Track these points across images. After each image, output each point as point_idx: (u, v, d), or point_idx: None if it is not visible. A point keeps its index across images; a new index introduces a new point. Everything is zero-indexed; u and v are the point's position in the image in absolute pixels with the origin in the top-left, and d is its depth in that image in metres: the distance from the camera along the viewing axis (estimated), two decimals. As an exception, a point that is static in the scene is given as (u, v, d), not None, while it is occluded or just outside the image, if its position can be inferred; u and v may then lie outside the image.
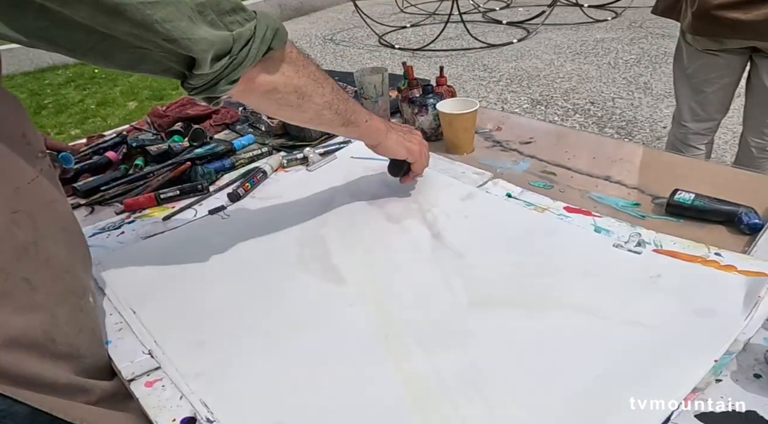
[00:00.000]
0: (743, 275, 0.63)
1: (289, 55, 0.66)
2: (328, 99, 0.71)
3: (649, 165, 0.91)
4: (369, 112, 0.80)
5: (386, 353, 0.60)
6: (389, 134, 0.81)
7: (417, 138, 0.86)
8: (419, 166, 0.87)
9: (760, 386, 0.51)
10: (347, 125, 0.75)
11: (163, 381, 0.60)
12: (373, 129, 0.79)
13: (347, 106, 0.74)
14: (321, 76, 0.70)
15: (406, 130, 0.87)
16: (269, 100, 0.67)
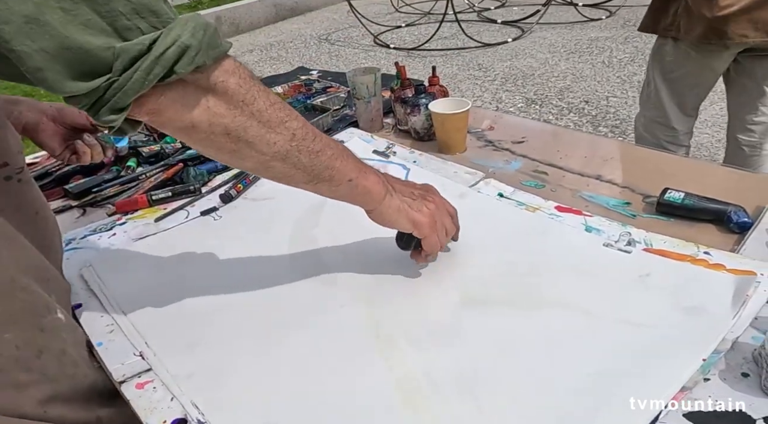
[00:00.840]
0: (732, 273, 0.63)
1: (222, 84, 0.50)
2: (282, 148, 0.54)
3: (640, 164, 0.92)
4: (363, 168, 0.62)
5: (378, 353, 0.60)
6: (388, 199, 0.63)
7: (430, 206, 0.66)
8: (430, 245, 0.67)
9: (747, 385, 0.51)
10: (315, 182, 0.59)
11: (154, 383, 0.60)
12: (360, 191, 0.61)
13: (317, 159, 0.57)
14: (275, 116, 0.54)
15: (418, 193, 0.68)
16: (190, 139, 0.53)
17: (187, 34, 0.46)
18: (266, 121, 0.53)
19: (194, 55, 0.47)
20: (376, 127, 1.18)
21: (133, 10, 0.44)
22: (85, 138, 0.83)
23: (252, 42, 5.16)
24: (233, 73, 0.51)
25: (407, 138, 1.12)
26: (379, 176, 0.64)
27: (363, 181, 0.61)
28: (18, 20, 0.40)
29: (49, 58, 0.42)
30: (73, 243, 0.86)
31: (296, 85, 1.44)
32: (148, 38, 0.45)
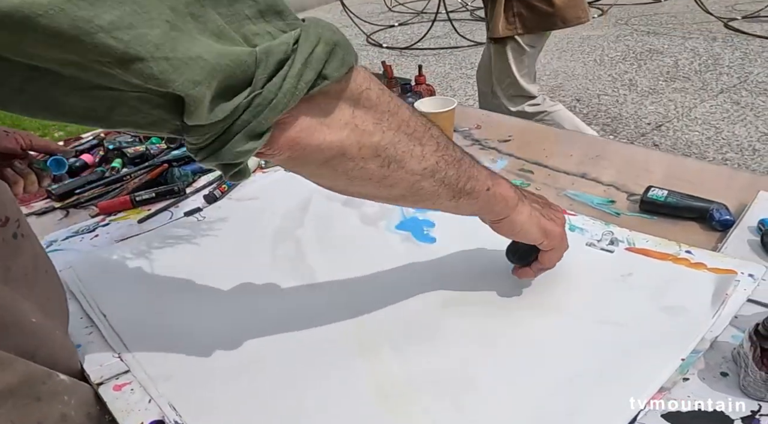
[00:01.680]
0: (713, 272, 0.63)
1: (367, 93, 0.42)
2: (431, 162, 0.47)
3: (625, 162, 0.92)
4: (492, 173, 0.54)
5: (359, 354, 0.60)
6: (520, 206, 0.56)
7: (558, 214, 0.61)
8: (554, 258, 0.61)
9: (726, 385, 0.51)
10: (458, 197, 0.51)
11: (132, 385, 0.59)
12: (498, 199, 0.53)
13: (459, 169, 0.49)
14: (419, 125, 0.46)
15: (542, 200, 0.62)
16: (335, 173, 0.44)
17: (327, 32, 0.39)
18: (412, 132, 0.45)
19: (343, 54, 0.39)
20: (363, 127, 1.17)
21: (259, 13, 0.36)
22: (16, 165, 0.72)
23: (245, 42, 5.15)
24: (371, 78, 0.43)
25: (394, 137, 1.12)
26: (507, 180, 0.56)
27: (499, 188, 0.53)
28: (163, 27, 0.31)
29: (205, 70, 0.32)
30: (54, 245, 0.85)
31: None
32: (292, 37, 0.37)
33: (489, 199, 0.53)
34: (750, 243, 0.67)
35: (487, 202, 0.53)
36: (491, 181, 0.53)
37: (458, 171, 0.49)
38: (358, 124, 0.42)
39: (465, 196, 0.51)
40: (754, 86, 2.70)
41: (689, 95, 2.72)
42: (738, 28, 3.55)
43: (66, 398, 0.51)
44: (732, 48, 3.25)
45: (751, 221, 0.70)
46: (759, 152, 2.13)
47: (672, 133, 2.38)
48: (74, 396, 0.53)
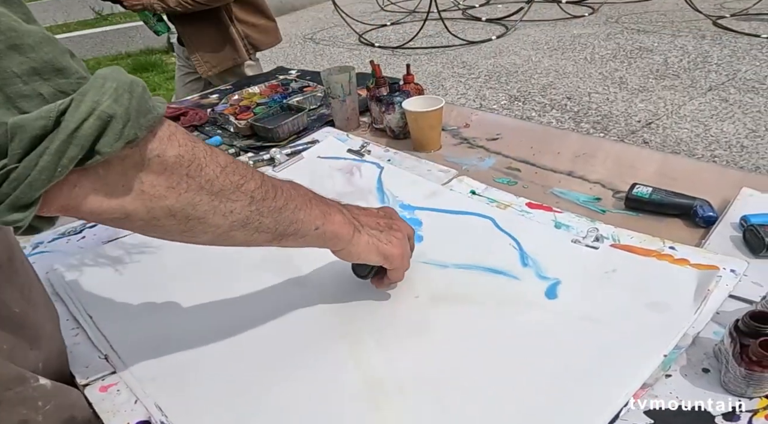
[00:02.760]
0: (695, 268, 0.64)
1: (159, 159, 0.41)
2: (240, 216, 0.47)
3: (611, 160, 0.92)
4: (327, 210, 0.56)
5: (344, 353, 0.60)
6: (356, 238, 0.59)
7: (398, 235, 0.62)
8: (398, 275, 0.65)
9: (708, 381, 0.52)
10: (280, 239, 0.53)
11: (118, 385, 0.60)
12: (329, 236, 0.56)
13: (280, 216, 0.51)
14: (228, 182, 0.46)
15: (384, 223, 0.63)
16: (125, 227, 0.43)
17: (107, 99, 0.36)
18: (219, 190, 0.45)
19: (121, 127, 0.36)
20: (352, 126, 1.17)
21: (32, 71, 0.33)
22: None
23: (236, 41, 5.13)
24: (171, 140, 0.41)
25: (383, 136, 1.12)
26: (344, 214, 0.58)
27: (330, 226, 0.56)
28: None
29: None
30: (40, 247, 0.85)
31: (273, 85, 1.43)
32: (55, 109, 0.34)
33: (318, 236, 0.55)
34: (732, 239, 0.68)
35: (317, 239, 0.56)
36: (321, 220, 0.55)
37: (277, 219, 0.50)
38: (146, 189, 0.41)
39: (288, 237, 0.53)
40: (742, 84, 2.72)
41: (678, 93, 2.74)
42: (726, 26, 3.57)
43: (40, 404, 0.50)
44: (720, 46, 3.27)
45: (733, 217, 0.71)
46: (747, 149, 2.15)
47: (662, 130, 2.39)
48: (52, 401, 0.51)
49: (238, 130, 1.20)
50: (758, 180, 0.79)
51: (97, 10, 6.50)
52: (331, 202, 0.59)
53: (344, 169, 0.98)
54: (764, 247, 0.64)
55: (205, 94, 1.55)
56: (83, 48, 5.07)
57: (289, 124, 1.13)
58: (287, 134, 1.14)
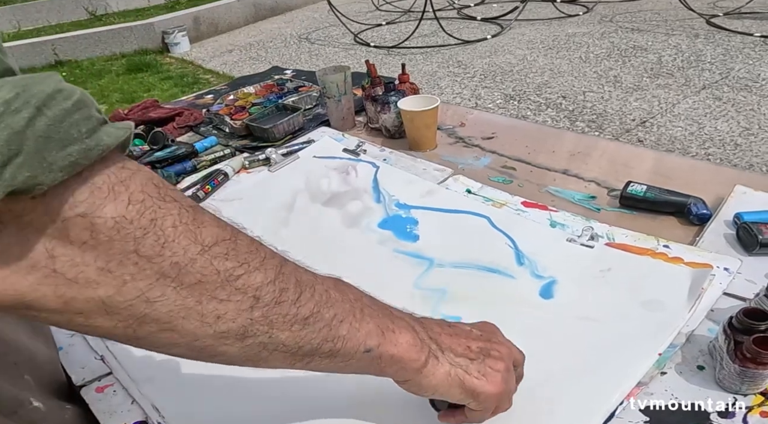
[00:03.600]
0: (689, 266, 0.64)
1: (83, 222, 0.27)
2: (234, 325, 0.32)
3: (606, 158, 0.92)
4: (389, 325, 0.41)
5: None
6: (432, 366, 0.42)
7: (498, 366, 0.44)
8: (483, 417, 0.46)
9: (703, 379, 0.52)
10: (308, 361, 0.38)
11: (115, 386, 0.59)
12: (387, 362, 0.40)
13: (305, 330, 0.36)
14: (215, 271, 0.31)
15: (478, 347, 0.45)
16: (44, 319, 0.28)
17: (5, 132, 0.23)
18: (197, 281, 0.30)
19: (15, 171, 0.24)
20: (347, 126, 1.17)
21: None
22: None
23: (231, 42, 5.12)
24: (115, 193, 0.27)
25: (379, 136, 1.12)
26: (416, 332, 0.42)
27: (390, 349, 0.40)
28: None
29: None
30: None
31: (268, 84, 1.43)
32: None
33: (371, 361, 0.40)
34: (726, 237, 0.69)
35: (369, 365, 0.40)
36: (378, 339, 0.39)
37: (299, 332, 0.35)
38: (59, 268, 0.27)
39: (319, 359, 0.38)
40: (736, 82, 2.73)
41: (672, 91, 2.75)
42: (720, 25, 3.58)
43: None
44: (714, 44, 3.28)
45: (727, 214, 0.71)
46: (740, 147, 2.16)
47: (656, 129, 2.40)
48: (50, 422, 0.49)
49: (234, 131, 1.20)
50: (752, 178, 0.79)
51: (90, 10, 6.47)
52: (398, 313, 0.43)
53: (340, 168, 0.98)
54: (757, 244, 0.64)
55: (200, 95, 1.54)
56: (77, 49, 5.05)
57: (284, 124, 1.13)
58: (283, 134, 1.14)
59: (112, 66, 4.79)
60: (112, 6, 6.68)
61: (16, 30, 6.26)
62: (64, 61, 4.97)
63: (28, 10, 6.54)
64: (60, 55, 4.96)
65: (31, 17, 6.50)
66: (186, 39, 5.00)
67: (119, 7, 6.71)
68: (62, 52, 4.98)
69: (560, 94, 2.91)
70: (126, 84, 4.23)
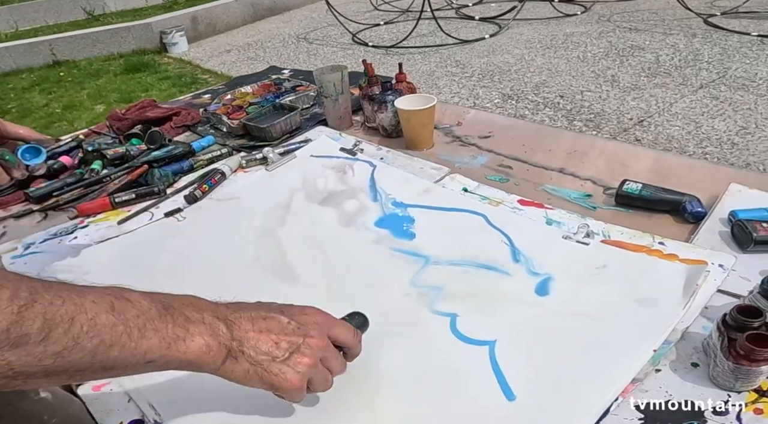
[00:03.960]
0: (684, 263, 0.64)
1: None
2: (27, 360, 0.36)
3: (602, 157, 0.93)
4: (181, 335, 0.44)
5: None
6: (230, 364, 0.46)
7: (303, 361, 0.48)
8: (295, 401, 0.51)
9: (697, 376, 0.52)
10: (83, 377, 0.41)
11: (111, 384, 0.59)
12: (174, 365, 0.45)
13: (67, 358, 0.37)
14: None
15: (288, 341, 0.49)
16: None
17: None
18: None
19: None
20: (345, 125, 1.17)
21: None
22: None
23: (229, 42, 5.12)
24: None
25: (376, 135, 1.13)
26: (214, 333, 0.46)
27: (177, 355, 0.44)
28: None
29: None
30: (32, 247, 0.84)
31: (265, 84, 1.43)
32: None
33: (158, 368, 0.44)
34: (721, 234, 0.69)
35: (161, 368, 0.44)
36: (162, 351, 0.43)
37: (56, 364, 0.37)
38: None
39: (95, 373, 0.41)
40: (733, 81, 2.74)
41: (670, 91, 2.75)
42: (717, 24, 3.59)
43: (45, 418, 0.48)
44: (711, 44, 3.29)
45: (722, 212, 0.72)
46: (737, 146, 2.16)
47: (653, 128, 2.40)
48: (58, 414, 0.50)
49: (231, 130, 1.20)
50: (747, 177, 0.80)
51: (88, 10, 6.46)
52: (200, 315, 0.47)
53: (337, 167, 0.98)
54: (752, 242, 0.64)
55: (198, 94, 1.54)
56: (75, 49, 5.04)
57: (281, 124, 1.13)
58: (280, 133, 1.14)
59: (110, 66, 4.79)
60: (110, 6, 6.67)
61: (14, 30, 6.26)
62: (61, 61, 4.97)
63: (25, 10, 6.53)
64: (58, 55, 4.95)
65: (29, 17, 6.49)
66: (184, 39, 5.00)
67: (117, 7, 6.70)
68: (60, 52, 4.97)
69: (558, 94, 2.91)
70: (124, 84, 4.23)
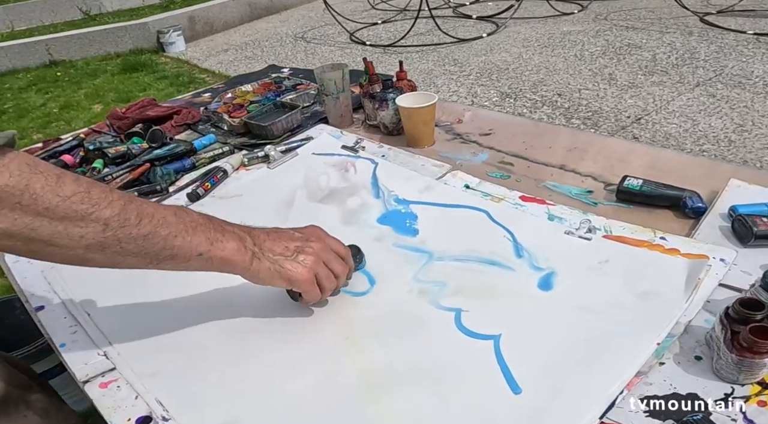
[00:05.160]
0: (686, 257, 0.65)
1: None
2: (94, 240, 0.49)
3: (602, 153, 0.93)
4: (218, 237, 0.57)
5: (342, 345, 0.61)
6: (255, 264, 0.59)
7: (308, 259, 0.61)
8: (310, 297, 0.63)
9: (701, 369, 0.53)
10: (156, 263, 0.54)
11: (118, 382, 0.60)
12: (217, 263, 0.57)
13: (147, 242, 0.52)
14: (74, 210, 0.48)
15: (295, 246, 0.62)
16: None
17: None
18: (62, 216, 0.47)
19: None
20: (345, 123, 1.18)
21: None
22: None
23: (227, 41, 5.11)
24: (1, 171, 0.44)
25: (377, 133, 1.13)
26: (242, 240, 0.59)
27: (218, 253, 0.57)
28: None
29: None
30: (36, 245, 0.84)
31: (266, 82, 1.43)
32: None
33: (206, 262, 0.56)
34: (721, 229, 0.69)
35: (206, 264, 0.57)
36: (207, 247, 0.56)
37: (143, 245, 0.52)
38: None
39: (165, 261, 0.54)
40: (729, 79, 2.75)
41: (667, 89, 2.76)
42: (713, 23, 3.60)
43: None
44: (708, 42, 3.30)
45: (722, 207, 0.72)
46: (734, 143, 2.17)
47: (651, 125, 2.41)
48: None
49: (232, 128, 1.20)
50: (746, 173, 0.80)
51: (85, 10, 6.44)
52: (231, 228, 0.59)
53: (339, 165, 0.98)
54: (752, 236, 0.65)
55: (198, 93, 1.54)
56: (71, 49, 5.03)
57: (283, 122, 1.14)
58: (281, 132, 1.14)
59: (107, 66, 4.77)
60: (107, 6, 6.65)
61: (10, 30, 6.23)
62: (58, 60, 4.95)
63: (21, 10, 6.51)
64: (54, 55, 4.94)
65: (25, 17, 6.47)
66: (181, 38, 4.99)
67: (113, 7, 6.68)
68: (56, 52, 4.96)
69: (556, 92, 2.92)
70: (121, 84, 4.22)
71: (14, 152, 0.46)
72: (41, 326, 0.70)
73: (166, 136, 1.12)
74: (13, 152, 0.46)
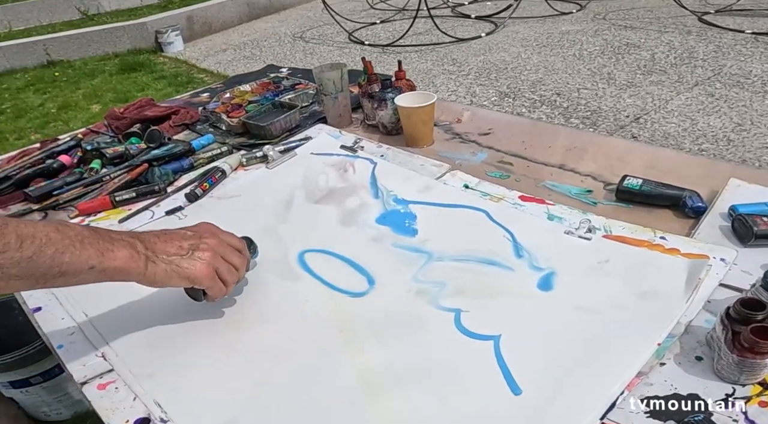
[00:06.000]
0: (686, 257, 0.65)
1: None
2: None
3: (602, 153, 0.93)
4: (108, 247, 0.56)
5: (341, 345, 0.61)
6: (151, 268, 0.59)
7: (204, 255, 0.62)
8: (215, 292, 0.63)
9: (702, 369, 0.52)
10: (46, 282, 0.53)
11: (116, 383, 0.59)
12: (110, 273, 0.56)
13: (32, 264, 0.51)
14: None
15: (189, 245, 0.62)
16: None
17: None
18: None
19: None
20: (344, 123, 1.17)
21: None
22: None
23: (225, 41, 5.11)
24: None
25: (376, 132, 1.13)
26: (132, 246, 0.58)
27: (111, 263, 0.56)
28: None
29: None
30: (33, 246, 0.84)
31: (264, 82, 1.43)
32: None
33: (98, 274, 0.56)
34: (721, 228, 0.69)
35: (98, 276, 0.56)
36: (100, 258, 0.55)
37: (28, 267, 0.51)
38: None
39: (55, 279, 0.53)
40: (728, 79, 2.75)
41: (666, 88, 2.76)
42: (711, 22, 3.61)
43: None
44: (706, 41, 3.30)
45: (722, 207, 0.72)
46: (733, 142, 2.17)
47: (650, 125, 2.41)
48: None
49: (231, 128, 1.19)
50: (745, 172, 0.80)
51: (82, 10, 6.43)
52: (118, 236, 0.58)
53: (338, 165, 0.98)
54: (753, 236, 0.65)
55: (196, 93, 1.54)
56: (69, 49, 5.02)
57: (281, 122, 1.13)
58: (280, 132, 1.14)
59: (105, 66, 4.77)
60: (105, 6, 6.64)
61: (7, 30, 6.22)
62: (56, 61, 4.94)
63: (19, 10, 6.50)
64: (52, 55, 4.93)
65: (23, 17, 6.45)
66: (179, 38, 4.98)
67: (111, 7, 6.67)
68: (54, 52, 4.95)
69: (554, 92, 2.92)
70: (119, 84, 4.21)
71: None
72: (39, 328, 0.69)
73: (165, 136, 1.11)
74: None
